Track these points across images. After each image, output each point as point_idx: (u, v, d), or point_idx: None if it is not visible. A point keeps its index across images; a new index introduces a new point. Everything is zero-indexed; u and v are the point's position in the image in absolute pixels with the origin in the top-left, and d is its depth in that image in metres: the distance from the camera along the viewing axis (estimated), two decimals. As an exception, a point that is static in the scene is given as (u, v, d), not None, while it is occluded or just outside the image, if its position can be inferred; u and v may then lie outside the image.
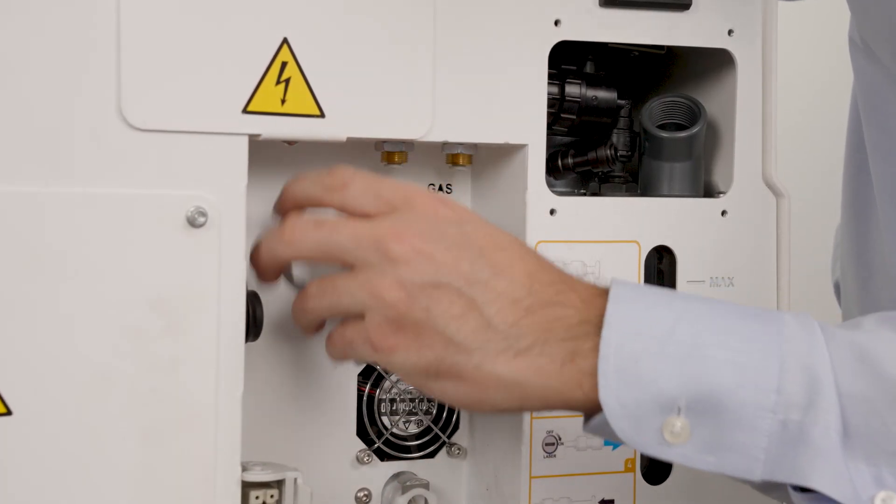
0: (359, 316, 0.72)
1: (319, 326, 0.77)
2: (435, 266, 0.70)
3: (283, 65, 0.74)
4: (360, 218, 0.73)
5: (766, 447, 0.66)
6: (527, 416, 0.83)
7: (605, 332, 0.68)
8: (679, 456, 0.68)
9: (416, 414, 0.88)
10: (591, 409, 0.69)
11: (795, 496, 0.67)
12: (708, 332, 0.68)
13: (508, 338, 0.69)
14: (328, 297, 0.73)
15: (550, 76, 0.82)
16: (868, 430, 0.66)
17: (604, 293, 0.70)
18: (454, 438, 0.89)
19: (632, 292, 0.70)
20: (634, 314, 0.69)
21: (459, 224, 0.72)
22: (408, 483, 0.86)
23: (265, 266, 0.75)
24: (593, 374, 0.68)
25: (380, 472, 0.87)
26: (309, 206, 0.75)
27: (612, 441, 0.71)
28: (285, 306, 0.83)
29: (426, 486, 0.86)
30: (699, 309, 0.69)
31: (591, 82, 0.86)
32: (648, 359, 0.67)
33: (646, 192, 0.88)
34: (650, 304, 0.69)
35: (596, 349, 0.68)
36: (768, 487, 0.69)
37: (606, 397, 0.67)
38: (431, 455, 0.88)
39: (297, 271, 0.76)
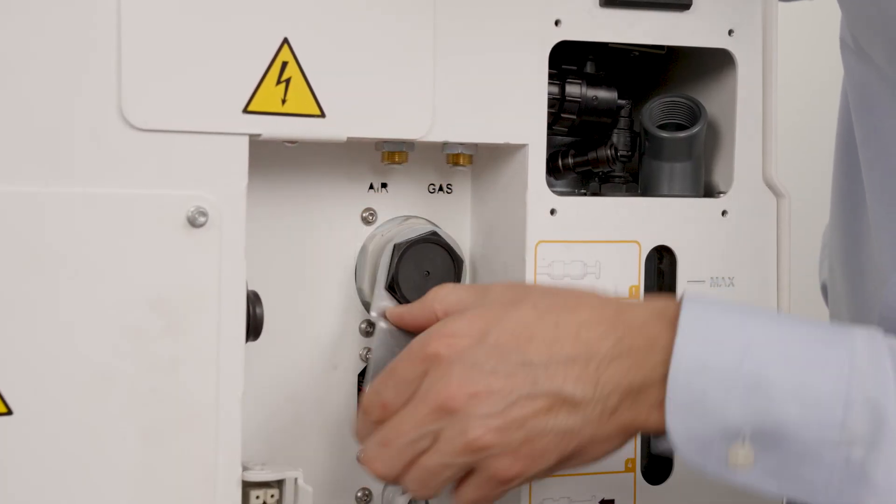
0: (467, 475, 0.73)
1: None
2: (496, 394, 0.71)
3: (284, 65, 0.74)
4: (408, 407, 0.73)
5: (829, 480, 0.68)
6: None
7: (674, 363, 0.69)
8: (744, 480, 0.69)
9: (416, 414, 0.87)
10: (658, 432, 0.71)
11: None
12: (775, 364, 0.69)
13: (597, 403, 0.71)
14: (432, 482, 0.73)
15: (551, 76, 0.82)
16: None
17: (666, 320, 0.71)
18: (454, 438, 0.88)
19: (699, 319, 0.70)
20: (702, 346, 0.69)
21: (482, 342, 0.72)
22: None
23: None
24: (661, 405, 0.70)
25: (380, 472, 0.87)
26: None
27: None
28: (285, 306, 0.83)
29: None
30: (767, 336, 0.70)
31: (592, 82, 0.86)
32: (715, 392, 0.68)
33: (646, 192, 0.88)
34: (718, 333, 0.70)
35: (664, 381, 0.69)
36: None
37: (674, 427, 0.69)
38: (431, 455, 0.88)
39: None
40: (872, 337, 0.70)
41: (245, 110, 0.74)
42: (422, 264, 0.82)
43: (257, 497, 0.75)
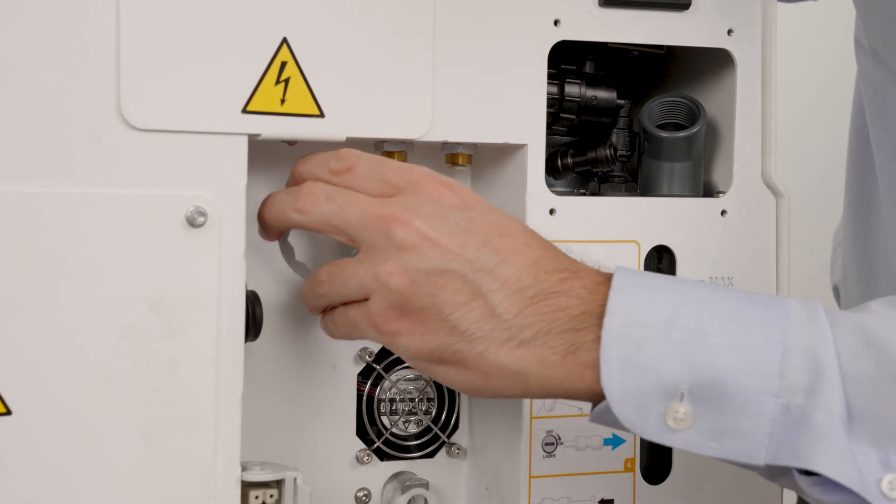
0: (363, 298, 0.73)
1: (327, 308, 0.77)
2: (440, 252, 0.70)
3: (283, 64, 0.74)
4: (370, 197, 0.73)
5: (770, 431, 0.66)
6: (526, 417, 0.83)
7: (607, 320, 0.68)
8: (683, 442, 0.68)
9: (415, 414, 0.88)
10: (593, 398, 0.70)
11: (801, 480, 0.67)
12: (710, 318, 0.68)
13: (512, 327, 0.70)
14: (337, 281, 0.74)
15: (550, 76, 0.82)
16: (873, 414, 0.66)
17: (607, 280, 0.70)
18: (454, 438, 0.89)
19: (634, 280, 0.70)
20: (636, 302, 0.69)
21: (464, 209, 0.72)
22: (407, 483, 0.86)
23: (271, 226, 0.76)
24: (595, 365, 0.68)
25: (379, 472, 0.87)
26: None
27: (617, 429, 0.71)
28: (285, 306, 0.83)
29: (426, 485, 0.87)
30: (701, 295, 0.70)
31: (591, 82, 0.86)
32: (650, 346, 0.67)
33: (645, 191, 0.88)
34: (652, 291, 0.69)
35: (598, 340, 0.68)
36: (774, 474, 0.69)
37: (609, 385, 0.68)
38: (431, 455, 0.88)
39: (298, 261, 0.80)
40: (807, 301, 0.70)
41: (244, 110, 0.74)
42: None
43: (256, 497, 0.75)
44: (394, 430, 0.87)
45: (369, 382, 0.86)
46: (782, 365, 0.66)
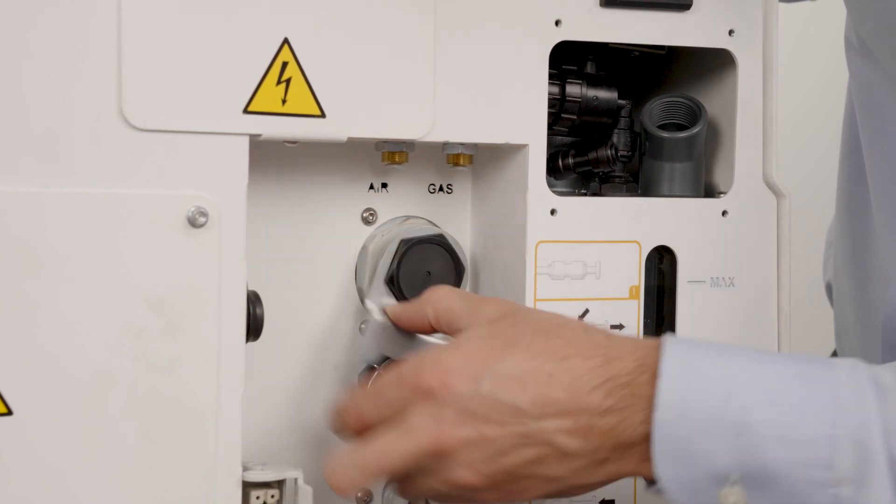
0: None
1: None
2: (489, 442, 0.71)
3: (284, 65, 0.74)
4: (393, 438, 0.73)
5: None
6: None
7: (658, 415, 0.69)
8: None
9: (416, 414, 0.87)
10: (646, 478, 0.73)
11: None
12: (759, 406, 0.69)
13: (587, 455, 0.72)
14: (421, 496, 0.75)
15: (551, 76, 0.82)
16: None
17: (649, 372, 0.71)
18: (454, 438, 0.88)
19: (680, 365, 0.70)
20: (685, 393, 0.69)
21: (475, 384, 0.72)
22: (408, 483, 0.86)
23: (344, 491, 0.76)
24: (648, 459, 0.70)
25: (380, 473, 0.87)
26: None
27: None
28: (285, 306, 0.83)
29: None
30: (749, 377, 0.70)
31: (592, 82, 0.86)
32: (700, 439, 0.69)
33: (646, 192, 0.88)
34: (699, 378, 0.70)
35: (648, 440, 0.70)
36: None
37: (663, 475, 0.70)
38: (432, 455, 0.88)
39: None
40: (854, 369, 0.70)
41: (245, 110, 0.74)
42: (424, 264, 0.82)
43: (257, 497, 0.75)
44: (394, 430, 0.87)
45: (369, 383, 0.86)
46: (830, 456, 0.68)
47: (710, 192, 0.89)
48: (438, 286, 0.79)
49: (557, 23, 0.82)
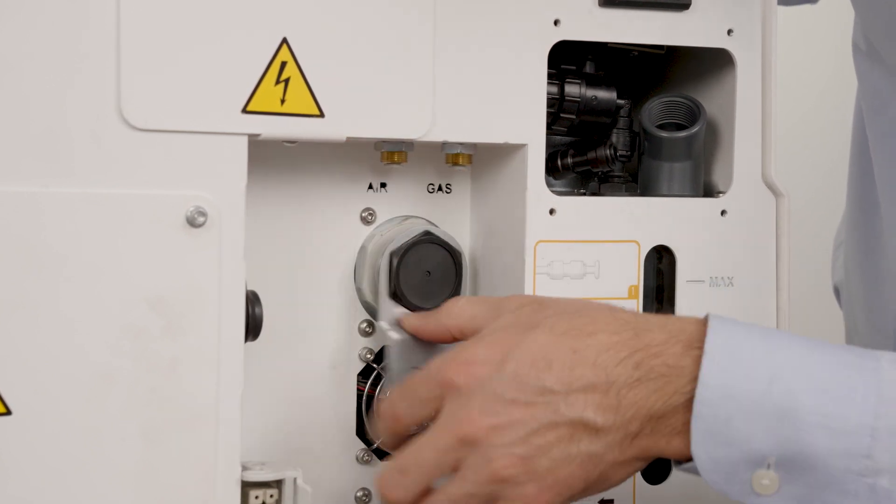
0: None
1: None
2: (518, 423, 0.70)
3: (283, 64, 0.74)
4: (428, 435, 0.73)
5: None
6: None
7: (700, 391, 0.69)
8: None
9: (415, 414, 0.87)
10: (680, 458, 0.72)
11: None
12: (803, 392, 0.68)
13: (619, 429, 0.71)
14: (459, 491, 0.73)
15: (550, 76, 0.82)
16: None
17: (685, 343, 0.70)
18: (454, 438, 0.88)
19: (728, 345, 0.70)
20: (729, 373, 0.69)
21: (499, 367, 0.71)
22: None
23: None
24: (682, 431, 0.70)
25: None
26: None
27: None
28: (285, 306, 0.83)
29: None
30: (794, 362, 0.70)
31: (591, 82, 0.86)
32: (741, 420, 0.68)
33: (645, 191, 0.88)
34: (746, 362, 0.69)
35: (685, 407, 0.69)
36: None
37: (699, 453, 0.69)
38: (431, 455, 0.88)
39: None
40: None
41: (244, 110, 0.74)
42: (421, 265, 0.82)
43: (256, 497, 0.75)
44: (394, 430, 0.87)
45: (369, 382, 0.86)
46: (871, 446, 0.67)
47: (709, 191, 0.89)
48: (456, 299, 0.79)
49: (556, 22, 0.82)
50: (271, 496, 0.76)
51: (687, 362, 0.70)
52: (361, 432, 0.86)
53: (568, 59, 0.86)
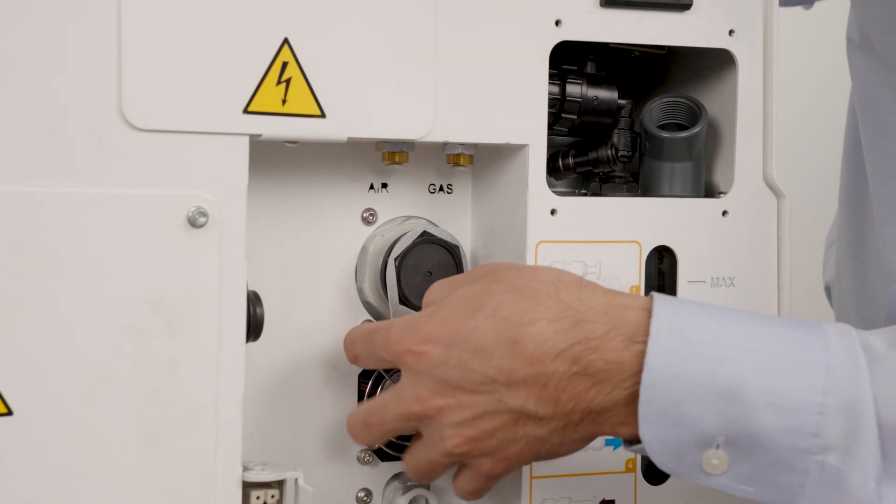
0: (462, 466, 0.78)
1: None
2: (465, 407, 0.73)
3: (284, 65, 0.74)
4: (390, 398, 0.76)
5: (803, 484, 0.68)
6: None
7: (645, 375, 0.69)
8: (717, 484, 0.70)
9: (416, 414, 0.87)
10: (631, 439, 0.72)
11: None
12: (749, 372, 0.68)
13: (560, 418, 0.72)
14: (429, 474, 0.78)
15: (551, 76, 0.82)
16: None
17: (626, 335, 0.71)
18: (455, 439, 0.88)
19: (670, 326, 0.70)
20: (675, 355, 0.69)
21: (447, 350, 0.73)
22: (408, 483, 0.86)
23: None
24: (630, 421, 0.71)
25: (380, 473, 0.87)
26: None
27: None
28: (285, 306, 0.83)
29: (426, 486, 0.86)
30: (741, 341, 0.70)
31: (592, 82, 0.86)
32: (689, 402, 0.69)
33: (646, 192, 0.88)
34: (690, 341, 0.69)
35: (627, 404, 0.70)
36: None
37: (647, 436, 0.70)
38: (432, 455, 0.88)
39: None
40: (846, 334, 0.70)
41: (245, 110, 0.74)
42: (421, 266, 0.83)
43: (257, 497, 0.75)
44: (394, 430, 0.87)
45: (370, 383, 0.86)
46: (819, 424, 0.67)
47: (710, 192, 0.89)
48: (433, 283, 0.79)
49: (557, 23, 0.82)
50: (272, 496, 0.76)
51: (627, 357, 0.70)
52: (362, 432, 0.86)
53: (569, 59, 0.86)
